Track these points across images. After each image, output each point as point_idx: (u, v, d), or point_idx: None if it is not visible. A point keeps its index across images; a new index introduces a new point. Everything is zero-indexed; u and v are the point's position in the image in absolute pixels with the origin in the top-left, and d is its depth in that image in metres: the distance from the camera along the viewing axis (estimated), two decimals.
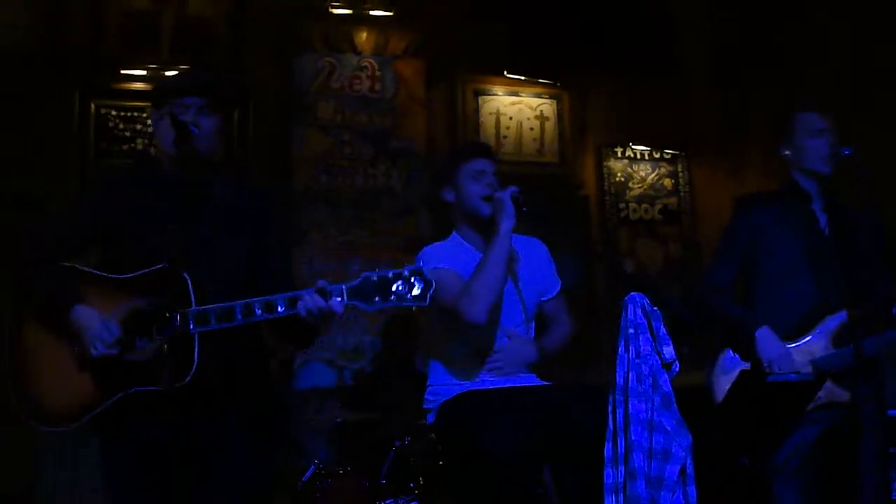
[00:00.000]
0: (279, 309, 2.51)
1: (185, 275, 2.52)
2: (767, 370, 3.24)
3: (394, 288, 2.47)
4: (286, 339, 2.85)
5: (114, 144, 5.57)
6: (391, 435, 4.39)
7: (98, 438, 2.65)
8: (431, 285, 2.49)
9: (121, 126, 5.58)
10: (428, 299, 2.49)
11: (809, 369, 3.26)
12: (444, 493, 3.98)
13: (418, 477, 4.22)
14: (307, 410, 5.30)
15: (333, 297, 2.50)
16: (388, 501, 4.06)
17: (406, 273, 2.48)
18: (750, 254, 3.47)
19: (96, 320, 2.53)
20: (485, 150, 3.51)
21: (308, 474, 4.33)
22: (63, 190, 5.21)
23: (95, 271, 2.65)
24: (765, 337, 3.31)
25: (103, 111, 5.58)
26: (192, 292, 2.52)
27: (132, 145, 5.58)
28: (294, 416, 4.62)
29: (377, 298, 2.48)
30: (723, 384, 3.25)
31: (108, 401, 2.55)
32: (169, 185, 2.70)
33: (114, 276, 2.62)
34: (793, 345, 3.34)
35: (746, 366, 3.33)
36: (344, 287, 2.50)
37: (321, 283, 2.52)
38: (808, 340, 3.34)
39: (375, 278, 2.48)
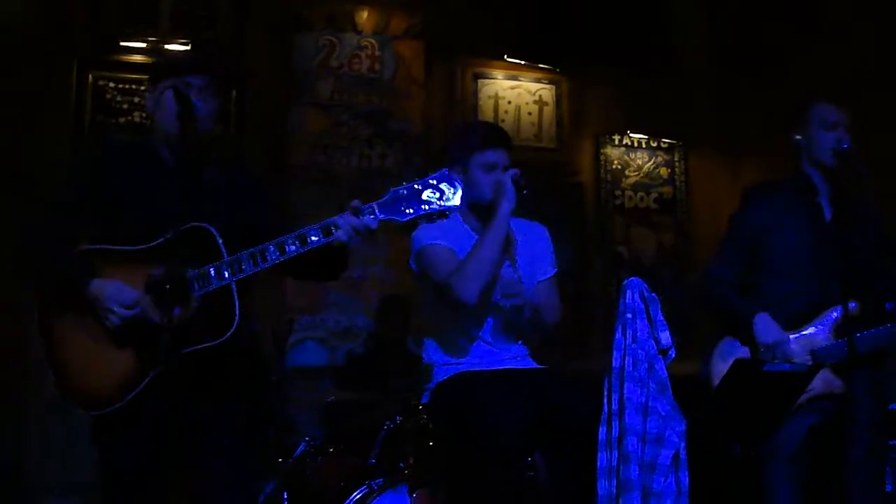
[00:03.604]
0: (312, 238, 2.50)
1: (212, 229, 2.50)
2: (766, 355, 3.25)
3: (424, 196, 2.49)
4: (314, 274, 2.80)
5: (111, 116, 5.52)
6: (382, 415, 4.39)
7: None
8: (458, 187, 2.50)
9: (118, 98, 5.53)
10: (459, 200, 2.51)
11: (809, 359, 3.26)
12: (434, 474, 3.98)
13: (409, 457, 4.22)
14: (299, 389, 5.29)
15: (366, 215, 2.50)
16: (377, 481, 4.05)
17: (431, 180, 2.50)
18: (755, 245, 3.46)
19: (108, 288, 2.47)
20: (500, 141, 3.42)
21: (298, 452, 4.33)
22: (59, 162, 5.19)
23: (112, 247, 2.57)
24: (763, 322, 3.32)
25: (101, 83, 5.53)
26: (221, 244, 2.49)
27: (129, 118, 5.54)
28: (286, 393, 4.61)
29: (410, 210, 2.49)
30: (720, 370, 3.23)
31: (152, 374, 2.48)
32: (169, 161, 2.67)
33: (133, 248, 2.54)
34: (794, 334, 3.34)
35: (744, 352, 3.34)
36: (375, 204, 2.51)
37: (355, 202, 2.52)
38: (809, 331, 3.35)
39: (403, 191, 2.50)
